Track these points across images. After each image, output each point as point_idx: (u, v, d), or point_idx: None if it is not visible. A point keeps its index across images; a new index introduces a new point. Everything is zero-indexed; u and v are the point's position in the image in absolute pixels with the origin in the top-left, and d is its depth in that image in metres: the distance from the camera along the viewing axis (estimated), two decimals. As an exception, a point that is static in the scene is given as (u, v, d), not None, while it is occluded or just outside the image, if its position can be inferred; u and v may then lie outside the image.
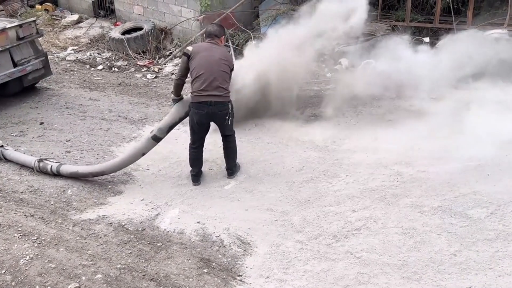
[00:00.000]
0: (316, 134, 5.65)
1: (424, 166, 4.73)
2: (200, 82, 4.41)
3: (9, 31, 6.51)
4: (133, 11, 10.37)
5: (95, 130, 6.09)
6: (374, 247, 3.70)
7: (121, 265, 3.66)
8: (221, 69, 4.49)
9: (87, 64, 8.80)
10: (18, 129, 6.10)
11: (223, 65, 4.50)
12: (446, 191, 4.28)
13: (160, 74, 8.34)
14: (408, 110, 5.95)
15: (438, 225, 3.87)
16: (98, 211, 4.40)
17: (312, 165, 5.04)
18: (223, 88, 4.50)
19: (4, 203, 4.50)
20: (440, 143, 5.05)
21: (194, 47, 4.57)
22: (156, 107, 6.89)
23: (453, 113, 5.45)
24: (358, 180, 4.66)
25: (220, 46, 4.69)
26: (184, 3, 9.08)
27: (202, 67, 4.43)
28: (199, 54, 4.47)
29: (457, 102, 5.69)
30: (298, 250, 3.76)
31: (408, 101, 6.11)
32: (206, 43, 4.64)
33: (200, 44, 4.63)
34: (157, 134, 4.77)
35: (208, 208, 4.44)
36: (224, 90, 4.51)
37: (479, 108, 5.31)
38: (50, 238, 3.98)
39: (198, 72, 4.43)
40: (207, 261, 3.70)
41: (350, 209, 4.21)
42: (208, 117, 4.56)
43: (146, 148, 4.80)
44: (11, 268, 3.65)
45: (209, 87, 4.41)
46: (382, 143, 5.24)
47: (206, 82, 4.40)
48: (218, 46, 4.65)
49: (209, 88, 4.41)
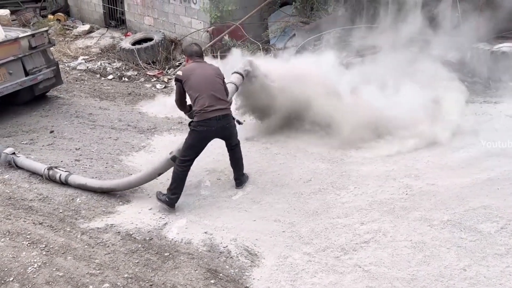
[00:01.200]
0: (325, 145, 5.64)
1: (433, 179, 4.70)
2: (202, 100, 4.40)
3: (22, 41, 6.60)
4: (144, 22, 10.49)
5: (104, 139, 6.13)
6: (382, 261, 3.67)
7: (129, 275, 3.66)
8: (218, 83, 4.53)
9: (97, 74, 8.89)
10: (28, 137, 6.15)
11: (218, 79, 4.55)
12: (456, 205, 4.25)
13: (170, 85, 8.39)
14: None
15: (447, 239, 3.83)
16: (106, 220, 4.41)
17: (320, 177, 5.02)
18: (225, 101, 4.55)
19: (14, 210, 4.53)
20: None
21: (184, 71, 4.54)
22: (165, 117, 6.93)
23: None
24: (367, 192, 4.63)
25: (207, 62, 4.72)
26: (194, 15, 9.17)
27: (200, 86, 4.43)
28: (193, 75, 4.46)
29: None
30: (306, 262, 3.74)
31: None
32: (194, 64, 4.59)
33: (189, 67, 4.57)
34: (176, 155, 4.82)
35: (216, 218, 4.43)
36: (226, 102, 4.56)
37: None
38: (58, 246, 3.99)
39: (197, 91, 4.42)
40: (214, 272, 3.69)
41: (358, 221, 4.19)
42: (217, 132, 4.51)
43: (163, 169, 4.81)
44: (19, 276, 3.66)
45: (213, 102, 4.41)
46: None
47: (208, 99, 4.40)
48: (206, 63, 4.70)
49: (214, 103, 4.41)
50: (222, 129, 4.51)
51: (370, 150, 5.44)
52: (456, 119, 5.67)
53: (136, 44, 9.40)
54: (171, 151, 4.85)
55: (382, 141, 5.53)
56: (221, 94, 4.51)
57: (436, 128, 5.49)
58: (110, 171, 5.32)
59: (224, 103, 4.50)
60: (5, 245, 3.99)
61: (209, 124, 4.41)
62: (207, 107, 4.38)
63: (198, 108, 4.41)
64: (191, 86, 4.45)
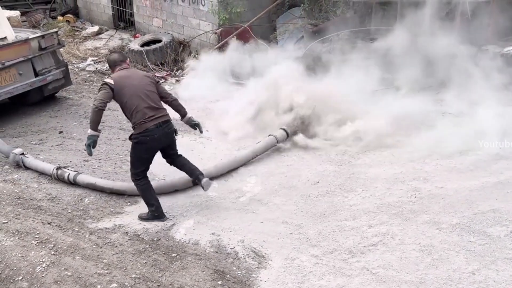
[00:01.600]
0: (332, 147, 5.63)
1: (442, 182, 4.68)
2: (140, 113, 4.27)
3: (32, 42, 6.66)
4: (153, 23, 10.54)
5: (113, 140, 6.16)
6: (391, 264, 3.65)
7: (136, 275, 3.67)
8: (151, 90, 4.39)
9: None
10: (37, 138, 6.20)
11: (149, 86, 4.41)
12: (465, 208, 4.22)
13: (178, 86, 8.41)
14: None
15: (456, 242, 3.81)
16: (114, 220, 4.43)
17: (328, 179, 5.01)
18: (163, 108, 4.45)
19: (23, 210, 4.56)
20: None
21: (115, 79, 4.37)
22: (172, 118, 6.93)
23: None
24: (375, 195, 4.62)
25: (133, 68, 4.57)
26: (203, 17, 9.20)
27: (135, 99, 4.28)
28: (125, 85, 4.31)
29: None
30: (314, 265, 3.73)
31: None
32: (123, 71, 4.46)
33: (119, 75, 4.40)
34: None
35: (223, 219, 4.43)
36: (164, 109, 4.47)
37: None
38: (66, 246, 4.01)
39: (133, 104, 4.28)
40: (221, 273, 3.69)
41: (366, 224, 4.17)
42: (160, 140, 4.35)
43: (181, 187, 4.95)
44: (28, 275, 3.68)
45: (151, 112, 4.30)
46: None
47: (146, 109, 4.28)
48: (134, 69, 4.55)
49: (152, 113, 4.30)
50: (165, 135, 4.38)
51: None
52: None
53: (145, 46, 9.45)
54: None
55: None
56: (157, 102, 4.40)
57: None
58: (119, 172, 5.35)
59: (162, 110, 4.41)
60: (14, 245, 4.01)
61: (152, 133, 4.26)
62: (146, 119, 4.26)
63: (137, 121, 4.27)
64: (126, 99, 4.29)
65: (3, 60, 6.29)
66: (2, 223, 4.29)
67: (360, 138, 5.60)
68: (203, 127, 4.86)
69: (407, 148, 5.37)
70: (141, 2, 10.69)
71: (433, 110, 6.17)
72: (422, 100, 6.24)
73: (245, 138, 6.09)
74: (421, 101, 6.20)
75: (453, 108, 6.07)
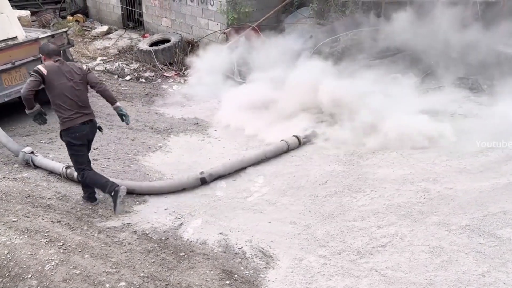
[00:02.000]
0: (341, 148, 5.61)
1: (451, 183, 4.64)
2: (69, 109, 4.42)
3: (42, 41, 6.69)
4: (161, 23, 10.57)
5: (122, 139, 6.19)
6: (399, 265, 3.63)
7: (144, 274, 3.68)
8: (80, 89, 4.48)
9: (115, 75, 8.98)
10: (47, 137, 6.24)
11: (79, 84, 4.49)
12: (475, 210, 4.18)
13: (186, 85, 8.44)
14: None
15: (466, 244, 3.77)
16: (123, 219, 4.45)
17: (336, 179, 4.99)
18: (89, 107, 4.59)
19: (32, 208, 4.59)
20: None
21: (48, 70, 4.35)
22: (181, 118, 6.97)
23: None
24: (384, 196, 4.59)
25: (66, 63, 4.59)
26: (211, 16, 9.21)
27: (64, 95, 4.39)
28: (56, 79, 4.37)
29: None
30: (321, 265, 3.72)
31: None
32: (56, 65, 4.44)
33: (51, 67, 4.39)
34: (206, 178, 4.98)
35: (231, 219, 4.43)
36: (90, 108, 4.62)
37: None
38: (75, 245, 4.03)
39: (62, 100, 4.40)
40: (229, 273, 3.69)
41: (375, 225, 4.15)
42: (88, 134, 4.56)
43: (189, 185, 4.97)
44: (37, 273, 3.70)
45: (79, 110, 4.46)
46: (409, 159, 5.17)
47: (75, 107, 4.43)
48: (65, 63, 4.57)
49: (80, 110, 4.46)
50: (91, 132, 4.60)
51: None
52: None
53: (154, 46, 9.48)
54: (202, 171, 4.95)
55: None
56: (85, 102, 4.54)
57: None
58: (127, 171, 5.37)
59: (89, 109, 4.58)
60: (23, 243, 4.04)
61: (80, 129, 4.47)
62: (73, 115, 4.42)
63: (65, 116, 4.42)
64: (55, 92, 4.39)
65: (13, 60, 6.34)
66: (12, 222, 4.32)
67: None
68: (211, 127, 4.90)
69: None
70: (150, 2, 10.73)
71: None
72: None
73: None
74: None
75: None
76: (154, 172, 5.41)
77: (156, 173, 5.41)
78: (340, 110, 6.05)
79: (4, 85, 6.30)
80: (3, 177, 5.15)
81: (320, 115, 6.39)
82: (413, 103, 6.02)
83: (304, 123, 6.21)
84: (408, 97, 6.21)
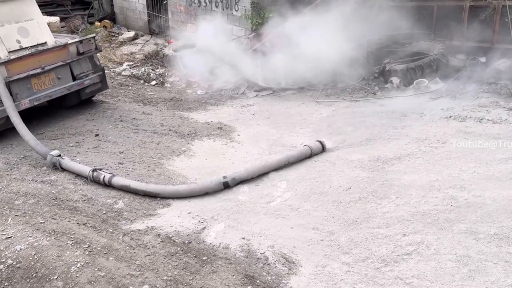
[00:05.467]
0: (365, 153, 5.54)
1: (479, 191, 4.52)
2: None
3: (70, 47, 6.86)
4: (186, 29, 10.68)
5: (147, 143, 6.26)
6: (425, 274, 3.55)
7: (168, 277, 3.71)
8: None
9: (141, 79, 9.12)
10: (74, 140, 6.37)
11: None
12: (503, 218, 4.06)
13: (210, 90, 8.50)
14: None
15: (494, 253, 3.67)
16: (147, 222, 4.49)
17: (361, 185, 4.93)
18: None
19: (59, 210, 4.68)
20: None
21: None
22: (205, 122, 7.01)
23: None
24: (409, 203, 4.51)
25: None
26: (236, 22, 9.26)
27: None
28: None
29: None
30: (345, 273, 3.67)
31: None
32: None
33: None
34: (229, 182, 4.99)
35: (253, 224, 4.42)
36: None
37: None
38: (100, 247, 4.09)
39: None
40: (251, 278, 3.68)
41: (400, 232, 4.07)
42: None
43: (212, 190, 4.99)
44: (63, 275, 3.77)
45: None
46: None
47: None
48: None
49: None
50: None
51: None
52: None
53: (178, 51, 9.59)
54: (225, 176, 4.96)
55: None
56: None
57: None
58: (152, 175, 5.42)
59: None
60: (50, 244, 4.12)
61: None
62: None
63: None
64: None
65: (43, 65, 6.50)
66: (39, 223, 4.42)
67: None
68: (234, 132, 4.90)
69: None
70: (175, 7, 10.86)
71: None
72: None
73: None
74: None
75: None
76: (178, 176, 5.45)
77: (180, 177, 5.45)
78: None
79: (33, 89, 6.46)
80: (31, 180, 5.28)
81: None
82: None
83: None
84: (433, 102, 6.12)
